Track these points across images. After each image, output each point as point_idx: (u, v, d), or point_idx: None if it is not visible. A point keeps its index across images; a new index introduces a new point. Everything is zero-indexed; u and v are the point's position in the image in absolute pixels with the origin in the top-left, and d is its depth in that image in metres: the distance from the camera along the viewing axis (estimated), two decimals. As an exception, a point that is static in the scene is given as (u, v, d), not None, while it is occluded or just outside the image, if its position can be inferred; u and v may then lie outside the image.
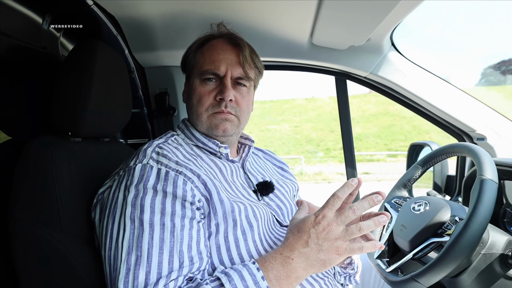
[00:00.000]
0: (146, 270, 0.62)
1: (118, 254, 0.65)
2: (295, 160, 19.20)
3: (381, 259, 0.99)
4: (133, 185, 0.70)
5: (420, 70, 1.36)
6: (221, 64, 0.85)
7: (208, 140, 0.87)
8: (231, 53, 0.87)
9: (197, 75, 0.87)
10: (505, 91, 23.70)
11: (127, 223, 0.66)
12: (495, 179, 0.77)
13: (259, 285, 0.62)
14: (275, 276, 0.65)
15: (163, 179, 0.70)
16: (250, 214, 0.78)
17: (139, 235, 0.65)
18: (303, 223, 0.67)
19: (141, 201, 0.67)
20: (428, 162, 1.06)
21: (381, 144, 22.26)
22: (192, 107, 0.88)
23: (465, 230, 0.72)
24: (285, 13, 1.13)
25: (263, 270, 0.65)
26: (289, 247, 0.66)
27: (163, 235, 0.65)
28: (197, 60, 0.89)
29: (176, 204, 0.69)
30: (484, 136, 1.33)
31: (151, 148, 0.76)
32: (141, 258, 0.63)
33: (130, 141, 1.48)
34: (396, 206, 1.06)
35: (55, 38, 1.10)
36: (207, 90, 0.86)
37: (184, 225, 0.68)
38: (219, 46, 0.88)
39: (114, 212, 0.70)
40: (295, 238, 0.67)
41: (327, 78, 1.54)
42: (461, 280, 0.82)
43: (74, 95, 0.83)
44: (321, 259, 0.65)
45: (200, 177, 0.74)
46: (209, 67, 0.85)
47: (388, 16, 1.03)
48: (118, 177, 0.75)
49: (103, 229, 0.72)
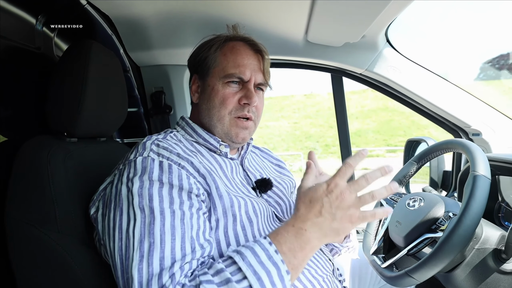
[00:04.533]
0: (160, 256, 0.61)
1: (130, 243, 0.64)
2: (294, 157, 19.21)
3: (377, 255, 1.00)
4: (136, 176, 0.69)
5: (416, 67, 1.37)
6: (247, 69, 0.87)
7: (210, 136, 0.88)
8: (254, 59, 0.89)
9: (220, 77, 0.87)
10: (503, 86, 23.71)
11: (136, 213, 0.66)
12: (488, 175, 0.77)
13: (273, 259, 0.61)
14: (289, 249, 0.64)
15: (167, 172, 0.70)
16: (250, 210, 0.78)
17: (150, 222, 0.64)
18: (315, 192, 0.66)
19: (149, 191, 0.67)
20: (423, 158, 1.07)
21: (380, 140, 22.26)
22: (213, 109, 0.87)
23: (458, 226, 0.73)
24: (279, 10, 1.13)
25: (276, 244, 0.63)
26: (301, 218, 0.65)
27: (174, 222, 0.65)
28: (219, 61, 0.89)
29: (183, 195, 0.69)
30: (480, 132, 1.34)
31: (150, 141, 0.76)
32: (154, 244, 0.62)
33: (126, 140, 1.49)
34: (391, 202, 1.07)
35: (49, 39, 1.10)
36: (231, 93, 0.87)
37: (193, 214, 0.68)
38: (242, 51, 0.89)
39: (120, 204, 0.69)
40: (307, 208, 0.65)
41: (325, 74, 1.55)
42: (455, 275, 0.83)
43: (70, 95, 0.83)
44: (334, 228, 0.64)
45: (200, 172, 0.74)
46: (235, 71, 0.86)
47: (382, 13, 1.03)
48: (118, 171, 0.75)
49: (110, 222, 0.70)
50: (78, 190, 0.81)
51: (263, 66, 0.90)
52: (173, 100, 1.50)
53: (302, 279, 0.77)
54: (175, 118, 1.51)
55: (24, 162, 0.76)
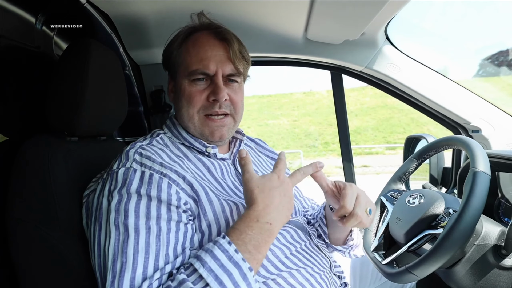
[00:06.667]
0: (131, 276, 0.60)
1: (106, 261, 0.64)
2: (294, 155, 19.21)
3: (378, 252, 1.00)
4: (116, 190, 0.68)
5: (415, 64, 1.37)
6: (210, 62, 0.81)
7: (194, 140, 0.85)
8: (219, 49, 0.82)
9: (185, 75, 0.83)
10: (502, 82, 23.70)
11: (112, 230, 0.65)
12: (488, 171, 0.77)
13: (234, 259, 0.61)
14: (254, 246, 0.63)
15: (147, 183, 0.68)
16: (242, 213, 0.78)
17: (124, 241, 0.63)
18: (270, 181, 0.69)
19: (125, 206, 0.65)
20: (423, 155, 1.07)
21: (380, 137, 22.27)
22: (182, 109, 0.84)
23: (458, 222, 0.73)
24: (279, 8, 1.13)
25: (241, 243, 0.63)
26: (265, 210, 0.66)
27: (149, 239, 0.64)
28: (183, 58, 0.84)
29: (162, 208, 0.67)
30: (479, 128, 1.34)
31: (133, 150, 0.74)
32: (126, 264, 0.61)
33: (127, 139, 1.49)
34: (392, 199, 1.07)
35: (48, 38, 1.10)
36: (198, 90, 0.82)
37: (171, 228, 0.66)
38: (205, 42, 0.83)
39: (100, 218, 0.68)
40: (267, 197, 0.67)
41: (325, 72, 1.55)
42: (455, 271, 0.83)
43: (69, 94, 0.83)
44: (287, 215, 0.70)
45: (186, 178, 0.72)
46: (198, 67, 0.81)
47: (381, 10, 1.03)
48: (102, 180, 0.74)
49: (91, 235, 0.71)
50: (79, 189, 0.81)
51: (232, 54, 0.82)
52: (173, 98, 1.50)
53: (298, 277, 0.76)
54: (175, 117, 1.51)
55: (24, 161, 0.76)
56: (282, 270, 0.76)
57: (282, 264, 0.77)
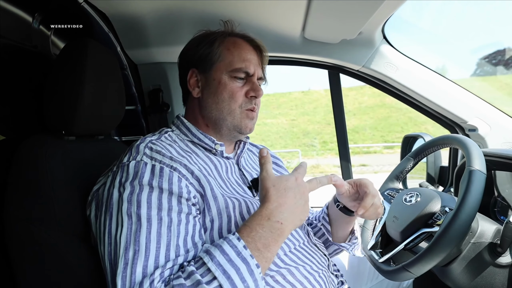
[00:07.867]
0: (144, 264, 0.62)
1: (117, 249, 0.65)
2: (292, 154, 19.22)
3: (375, 250, 1.01)
4: (128, 181, 0.70)
5: (412, 63, 1.37)
6: (251, 64, 0.90)
7: (204, 136, 0.88)
8: (254, 54, 0.93)
9: (226, 71, 0.89)
10: (499, 81, 23.78)
11: (124, 219, 0.66)
12: (483, 170, 0.78)
13: (242, 255, 0.62)
14: (263, 245, 0.64)
15: (158, 175, 0.70)
16: (244, 210, 0.79)
17: (136, 230, 0.65)
18: (287, 181, 0.69)
19: (138, 197, 0.67)
20: (420, 154, 1.07)
21: (378, 136, 22.31)
22: (223, 102, 0.88)
23: (454, 220, 0.74)
24: (276, 7, 1.13)
25: (250, 241, 0.64)
26: (278, 209, 0.67)
27: (161, 230, 0.66)
28: (224, 56, 0.90)
29: (173, 200, 0.69)
30: (476, 127, 1.34)
31: (143, 144, 0.76)
32: (139, 252, 0.63)
33: (124, 138, 1.49)
34: (389, 197, 1.07)
35: (46, 37, 1.10)
36: (238, 87, 0.89)
37: (181, 220, 0.69)
38: (244, 46, 0.92)
39: (110, 208, 0.70)
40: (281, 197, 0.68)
41: (323, 71, 1.55)
42: (451, 268, 0.84)
43: (67, 93, 0.83)
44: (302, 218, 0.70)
45: (194, 173, 0.74)
46: (241, 66, 0.89)
47: (379, 9, 1.04)
48: (112, 173, 0.75)
49: (101, 225, 0.72)
50: (77, 188, 0.81)
51: (261, 61, 0.94)
52: (171, 97, 1.50)
53: (297, 275, 0.77)
54: (173, 116, 1.51)
55: (22, 160, 0.76)
56: (281, 267, 0.77)
57: (281, 261, 0.78)
